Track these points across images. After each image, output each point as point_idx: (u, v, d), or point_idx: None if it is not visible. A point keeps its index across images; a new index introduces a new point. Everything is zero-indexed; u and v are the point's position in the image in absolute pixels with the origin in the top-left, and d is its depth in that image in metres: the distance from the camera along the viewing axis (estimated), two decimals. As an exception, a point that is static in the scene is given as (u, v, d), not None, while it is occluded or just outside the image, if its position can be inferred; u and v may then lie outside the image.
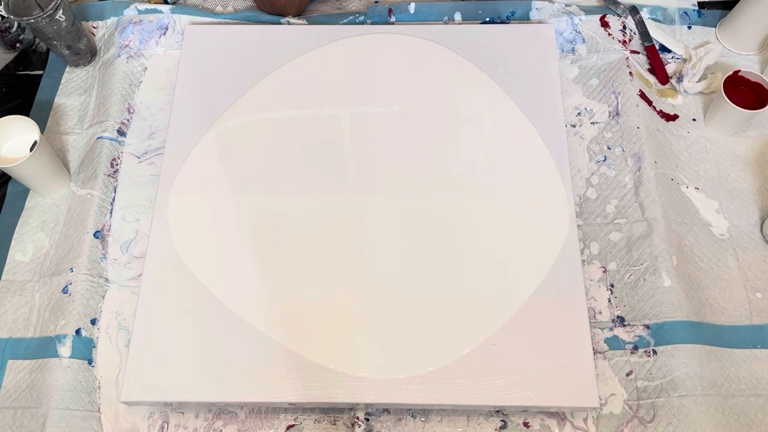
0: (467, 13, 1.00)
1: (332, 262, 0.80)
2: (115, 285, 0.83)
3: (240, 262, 0.80)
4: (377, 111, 0.90)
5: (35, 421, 0.75)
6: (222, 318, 0.77)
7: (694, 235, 0.83)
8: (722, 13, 0.99)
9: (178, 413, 0.76)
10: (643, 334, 0.77)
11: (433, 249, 0.80)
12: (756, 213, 0.85)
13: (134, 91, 0.96)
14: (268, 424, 0.75)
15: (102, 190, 0.88)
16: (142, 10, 1.01)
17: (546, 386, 0.72)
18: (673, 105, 0.93)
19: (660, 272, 0.79)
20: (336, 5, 1.04)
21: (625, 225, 0.83)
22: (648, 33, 0.96)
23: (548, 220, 0.81)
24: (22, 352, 0.80)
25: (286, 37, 0.96)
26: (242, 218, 0.83)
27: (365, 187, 0.84)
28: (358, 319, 0.76)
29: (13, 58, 1.02)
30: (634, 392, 0.75)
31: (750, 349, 0.77)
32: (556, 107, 0.89)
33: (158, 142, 0.92)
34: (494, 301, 0.77)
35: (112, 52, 0.99)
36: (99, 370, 0.78)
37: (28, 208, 0.89)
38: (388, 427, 0.74)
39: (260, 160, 0.87)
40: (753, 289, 0.80)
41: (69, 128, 0.95)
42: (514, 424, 0.74)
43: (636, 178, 0.86)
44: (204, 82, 0.93)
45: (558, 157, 0.85)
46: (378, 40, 0.96)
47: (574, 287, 0.77)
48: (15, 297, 0.83)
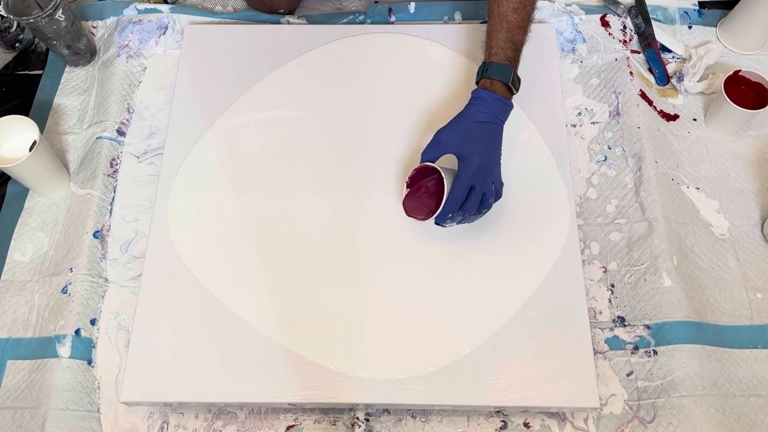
0: (467, 13, 1.00)
1: (332, 262, 0.80)
2: (114, 285, 0.83)
3: (240, 262, 0.80)
4: (377, 110, 0.89)
5: (35, 422, 0.75)
6: (222, 318, 0.77)
7: (695, 235, 0.83)
8: (723, 12, 0.99)
9: (178, 414, 0.76)
10: (644, 334, 0.77)
11: (433, 249, 0.80)
12: (756, 213, 0.85)
13: (134, 90, 0.96)
14: (268, 425, 0.75)
15: (101, 190, 0.88)
16: (141, 10, 1.01)
17: (546, 386, 0.72)
18: (673, 105, 0.93)
19: (660, 272, 0.79)
20: (336, 5, 1.04)
21: (625, 225, 0.83)
22: (653, 32, 0.96)
23: (549, 219, 0.81)
24: (21, 353, 0.80)
25: (286, 37, 0.96)
26: (242, 218, 0.83)
27: (365, 186, 0.84)
28: (358, 319, 0.76)
29: (13, 57, 1.02)
30: (634, 392, 0.74)
31: (750, 350, 0.77)
32: (556, 107, 0.89)
33: (158, 142, 0.92)
34: (494, 301, 0.77)
35: (112, 52, 0.99)
36: (98, 371, 0.78)
37: (27, 208, 0.89)
38: (388, 427, 0.74)
39: (260, 159, 0.87)
40: (753, 289, 0.80)
41: (68, 128, 0.95)
42: (514, 425, 0.74)
43: (636, 178, 0.86)
44: (204, 82, 0.93)
45: (558, 156, 0.85)
46: (378, 40, 0.96)
47: (574, 287, 0.77)
48: (14, 297, 0.83)
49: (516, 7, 0.76)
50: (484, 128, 0.74)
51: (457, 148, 0.74)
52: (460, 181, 0.72)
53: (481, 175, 0.72)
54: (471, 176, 0.72)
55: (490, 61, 0.77)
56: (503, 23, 0.77)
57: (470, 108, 0.75)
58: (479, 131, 0.74)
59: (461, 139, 0.74)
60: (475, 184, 0.72)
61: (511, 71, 0.76)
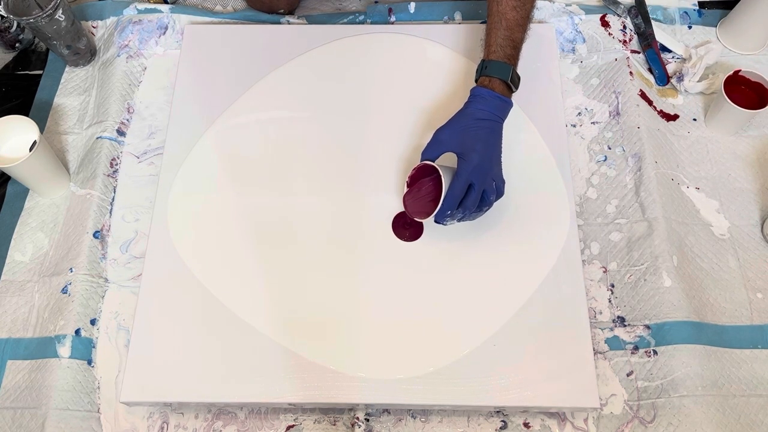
0: (467, 13, 1.00)
1: (332, 262, 0.80)
2: (114, 285, 0.83)
3: (240, 262, 0.80)
4: (377, 110, 0.89)
5: (35, 422, 0.75)
6: (222, 318, 0.77)
7: (695, 235, 0.83)
8: (722, 12, 0.99)
9: (178, 414, 0.76)
10: (644, 334, 0.77)
11: (433, 249, 0.80)
12: (756, 213, 0.85)
13: (134, 90, 0.96)
14: (268, 425, 0.75)
15: (101, 190, 0.88)
16: (141, 10, 1.01)
17: (546, 386, 0.72)
18: (673, 105, 0.93)
19: (660, 272, 0.79)
20: (336, 5, 1.04)
21: (625, 225, 0.83)
22: (653, 32, 0.96)
23: (549, 219, 0.81)
24: (21, 353, 0.80)
25: (286, 37, 0.96)
26: (242, 218, 0.83)
27: (365, 186, 0.84)
28: (358, 319, 0.76)
29: (13, 57, 1.02)
30: (634, 392, 0.74)
31: (750, 350, 0.77)
32: (556, 107, 0.89)
33: (158, 142, 0.92)
34: (494, 301, 0.77)
35: (112, 52, 0.99)
36: (98, 371, 0.78)
37: (27, 208, 0.89)
38: (388, 427, 0.74)
39: (260, 159, 0.87)
40: (753, 289, 0.80)
41: (68, 128, 0.95)
42: (514, 425, 0.74)
43: (636, 178, 0.86)
44: (204, 82, 0.93)
45: (558, 156, 0.85)
46: (378, 40, 0.96)
47: (574, 287, 0.77)
48: (14, 297, 0.83)
49: (515, 5, 0.77)
50: (483, 126, 0.74)
51: (457, 146, 0.74)
52: (459, 178, 0.72)
53: (480, 172, 0.72)
54: (470, 173, 0.72)
55: (489, 59, 0.77)
56: (502, 21, 0.77)
57: (469, 106, 0.75)
58: (478, 129, 0.74)
59: (461, 137, 0.74)
60: (474, 181, 0.72)
61: (510, 69, 0.76)
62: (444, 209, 0.72)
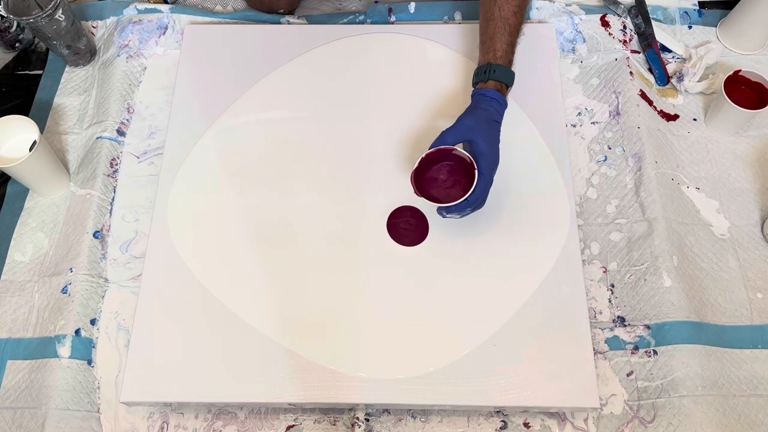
0: (467, 13, 1.00)
1: (332, 262, 0.80)
2: (114, 285, 0.83)
3: (240, 262, 0.80)
4: (377, 110, 0.89)
5: (34, 422, 0.75)
6: (222, 318, 0.77)
7: (695, 235, 0.83)
8: (723, 12, 0.99)
9: (178, 414, 0.76)
10: (644, 334, 0.77)
11: (433, 249, 0.80)
12: (756, 213, 0.85)
13: (134, 90, 0.96)
14: (268, 425, 0.75)
15: (101, 190, 0.88)
16: (141, 10, 1.01)
17: (546, 386, 0.72)
18: (673, 105, 0.93)
19: (660, 272, 0.79)
20: (336, 5, 1.04)
21: (625, 225, 0.83)
22: (653, 32, 0.96)
23: (549, 219, 0.81)
24: (21, 353, 0.80)
25: (286, 37, 0.96)
26: (242, 218, 0.83)
27: (365, 186, 0.84)
28: (358, 319, 0.76)
29: (13, 57, 1.02)
30: (634, 392, 0.74)
31: (750, 350, 0.77)
32: (556, 107, 0.89)
33: (158, 142, 0.92)
34: (494, 301, 0.77)
35: (112, 52, 0.99)
36: (98, 371, 0.78)
37: (27, 208, 0.89)
38: (388, 427, 0.74)
39: (259, 159, 0.87)
40: (753, 289, 0.80)
41: (68, 128, 0.95)
42: (514, 425, 0.74)
43: (636, 178, 0.86)
44: (204, 82, 0.93)
45: (558, 156, 0.85)
46: (378, 39, 0.96)
47: (574, 287, 0.77)
48: (14, 297, 0.83)
49: (516, 10, 0.79)
50: (497, 127, 0.77)
51: (479, 137, 0.74)
52: (486, 176, 0.73)
53: (495, 171, 0.75)
54: (492, 171, 0.74)
55: (497, 63, 0.78)
56: (506, 26, 0.79)
57: (489, 104, 0.77)
58: (496, 129, 0.76)
59: (485, 130, 0.75)
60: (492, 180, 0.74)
61: (514, 75, 0.79)
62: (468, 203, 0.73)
